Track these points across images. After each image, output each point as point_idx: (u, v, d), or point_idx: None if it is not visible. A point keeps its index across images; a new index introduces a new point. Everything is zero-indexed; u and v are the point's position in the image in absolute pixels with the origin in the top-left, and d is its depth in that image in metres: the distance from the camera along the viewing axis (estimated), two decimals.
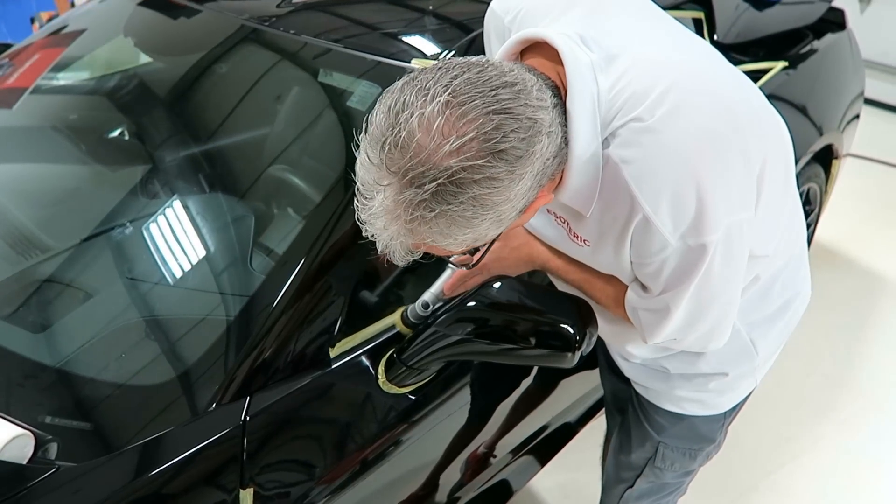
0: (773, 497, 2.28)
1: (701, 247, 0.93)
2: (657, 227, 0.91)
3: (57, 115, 1.89)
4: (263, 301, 1.23)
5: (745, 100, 0.99)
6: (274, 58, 1.63)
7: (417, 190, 0.78)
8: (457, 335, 1.15)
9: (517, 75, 0.83)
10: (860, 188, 3.73)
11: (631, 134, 0.90)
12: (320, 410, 1.24)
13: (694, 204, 0.89)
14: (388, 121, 0.79)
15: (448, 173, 0.77)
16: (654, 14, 1.05)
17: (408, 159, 0.77)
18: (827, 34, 2.59)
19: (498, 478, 1.72)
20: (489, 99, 0.78)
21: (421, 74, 0.82)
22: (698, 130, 0.90)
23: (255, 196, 1.52)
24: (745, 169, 0.94)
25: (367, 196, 0.82)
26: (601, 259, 1.09)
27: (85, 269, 1.39)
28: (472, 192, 0.79)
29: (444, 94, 0.78)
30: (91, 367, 1.22)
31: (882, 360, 2.79)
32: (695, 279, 0.98)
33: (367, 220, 0.84)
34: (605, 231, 1.00)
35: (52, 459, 1.08)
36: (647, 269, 1.01)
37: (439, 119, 0.77)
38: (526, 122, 0.80)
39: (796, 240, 1.27)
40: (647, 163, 0.89)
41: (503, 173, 0.79)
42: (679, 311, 1.05)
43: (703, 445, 1.44)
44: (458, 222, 0.81)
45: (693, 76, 0.94)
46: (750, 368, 1.33)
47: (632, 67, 0.91)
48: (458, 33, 1.55)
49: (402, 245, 0.85)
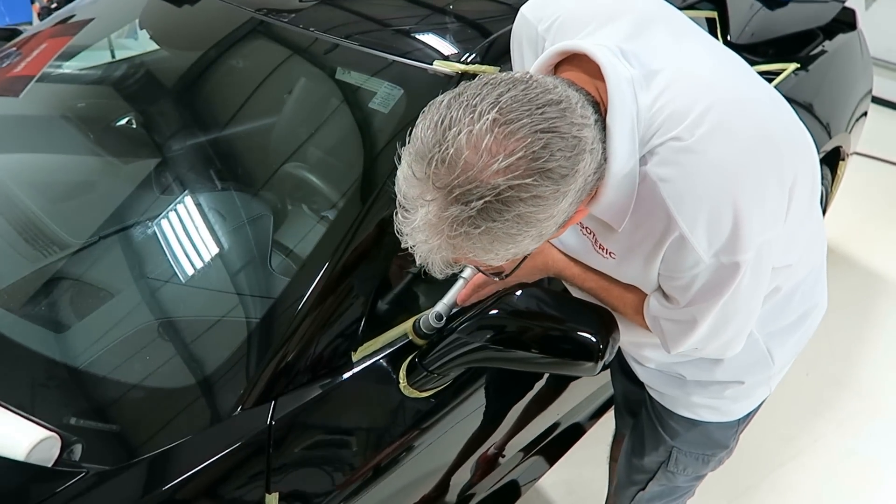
0: (772, 496, 2.31)
1: (734, 265, 0.94)
2: (692, 246, 0.92)
3: (70, 104, 1.87)
4: (288, 303, 1.23)
5: (779, 117, 1.00)
6: (301, 58, 1.62)
7: (463, 207, 0.78)
8: (478, 342, 1.15)
9: (561, 92, 0.83)
10: (861, 186, 3.73)
11: (670, 153, 0.90)
12: (343, 414, 1.24)
13: (730, 224, 0.90)
14: (434, 137, 0.79)
15: (495, 192, 0.77)
16: (694, 31, 1.05)
17: (455, 176, 0.77)
18: (838, 35, 2.59)
19: (507, 479, 1.74)
20: (536, 117, 0.79)
21: (467, 90, 0.82)
22: (737, 152, 0.90)
23: (273, 195, 1.51)
24: (778, 188, 0.95)
25: (410, 209, 0.83)
26: (627, 271, 1.10)
27: (104, 268, 1.39)
28: (518, 210, 0.79)
29: (491, 111, 0.78)
30: (115, 368, 1.22)
31: (882, 361, 2.82)
32: (725, 295, 0.99)
33: (408, 233, 0.84)
34: (636, 245, 1.01)
35: (77, 461, 1.08)
36: (676, 282, 1.02)
37: (487, 137, 0.77)
38: (571, 141, 0.81)
39: (818, 251, 1.28)
40: (686, 183, 0.90)
41: (549, 192, 0.80)
42: (705, 324, 1.06)
43: (717, 451, 1.46)
44: (501, 239, 0.82)
45: (731, 95, 0.94)
46: (766, 377, 1.35)
47: (672, 85, 0.91)
48: (477, 34, 1.54)
49: (443, 259, 0.85)
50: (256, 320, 1.27)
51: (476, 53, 1.44)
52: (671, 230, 0.92)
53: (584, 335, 1.11)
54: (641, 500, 1.60)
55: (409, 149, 0.83)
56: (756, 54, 2.28)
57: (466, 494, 1.61)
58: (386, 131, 1.42)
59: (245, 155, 1.62)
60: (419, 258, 0.87)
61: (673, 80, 0.92)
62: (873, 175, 4.02)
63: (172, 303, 1.34)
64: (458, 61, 1.41)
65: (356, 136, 1.50)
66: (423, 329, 1.27)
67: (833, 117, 2.48)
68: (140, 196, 1.57)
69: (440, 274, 0.88)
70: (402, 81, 1.44)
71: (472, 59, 1.42)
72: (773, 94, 1.03)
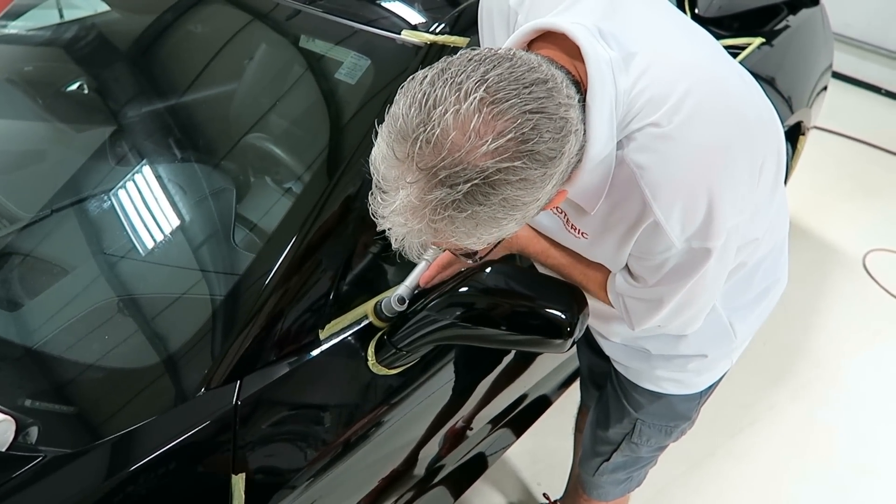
0: (730, 462, 2.38)
1: (705, 250, 0.95)
2: (666, 231, 0.92)
3: (17, 66, 1.78)
4: (253, 280, 1.20)
5: (751, 99, 0.99)
6: (262, 23, 1.56)
7: (449, 189, 0.75)
8: (447, 319, 1.14)
9: (546, 71, 0.81)
10: (817, 160, 3.81)
11: (648, 140, 0.89)
12: (312, 392, 1.23)
13: (704, 211, 0.91)
14: (419, 116, 0.75)
15: (483, 174, 0.75)
16: (665, 6, 1.03)
17: (441, 158, 0.74)
18: (802, 9, 2.61)
19: (475, 451, 1.75)
20: (525, 97, 0.76)
21: (451, 66, 0.78)
22: (714, 140, 0.90)
23: (235, 166, 1.47)
24: (749, 173, 0.95)
25: (388, 191, 0.79)
26: (598, 251, 1.10)
27: (57, 242, 1.33)
28: (505, 194, 0.77)
29: (479, 90, 0.75)
30: (71, 348, 1.18)
31: (837, 330, 2.92)
32: (693, 278, 1.00)
33: (385, 216, 0.81)
34: (609, 228, 1.00)
35: (34, 445, 1.05)
36: (646, 262, 1.02)
37: (476, 117, 0.74)
38: (559, 122, 0.79)
39: (781, 226, 1.30)
40: (663, 171, 0.89)
41: (537, 175, 0.78)
42: (672, 304, 1.07)
43: (679, 423, 1.49)
44: (486, 222, 0.79)
45: (707, 78, 0.93)
46: (728, 350, 1.37)
47: (649, 69, 0.90)
48: (445, 3, 1.50)
49: (421, 242, 0.83)
50: (220, 297, 1.24)
51: (445, 23, 1.41)
52: (646, 216, 0.92)
53: (553, 312, 1.11)
54: (605, 471, 1.63)
55: (387, 127, 0.79)
56: (722, 28, 2.28)
57: (435, 467, 1.61)
58: (353, 103, 1.38)
59: (205, 124, 1.56)
60: (395, 241, 0.84)
61: (650, 64, 0.90)
62: (828, 148, 4.10)
63: (132, 279, 1.30)
64: (427, 31, 1.38)
65: (322, 107, 1.45)
66: (384, 312, 1.24)
67: (795, 92, 2.51)
68: (94, 166, 1.51)
69: (416, 257, 0.86)
70: (370, 51, 1.39)
71: (442, 30, 1.38)
72: (742, 72, 1.02)
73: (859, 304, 3.06)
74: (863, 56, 4.79)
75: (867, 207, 3.68)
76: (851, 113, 4.43)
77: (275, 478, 1.14)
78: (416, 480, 1.54)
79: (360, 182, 1.25)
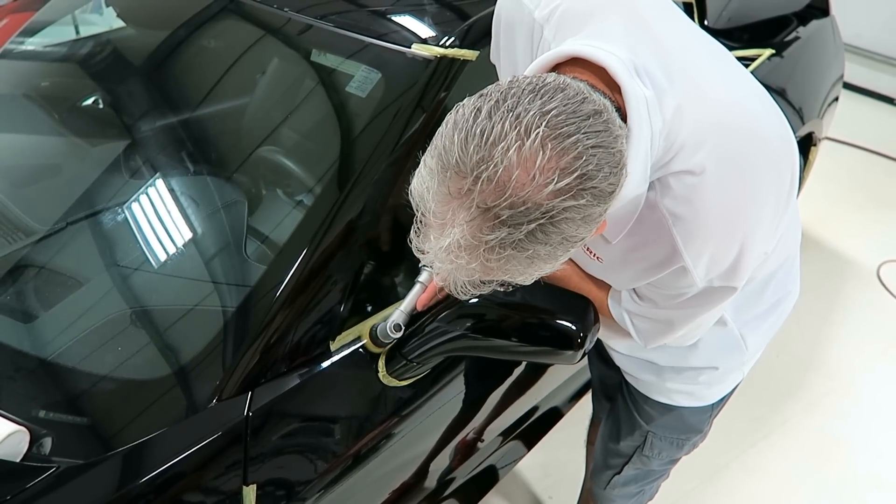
0: (743, 475, 2.36)
1: (729, 289, 0.97)
2: (692, 274, 0.92)
3: (34, 82, 1.81)
4: (264, 292, 1.20)
5: (771, 121, 0.96)
6: (274, 38, 1.58)
7: (510, 229, 0.72)
8: (458, 331, 1.15)
9: (598, 101, 0.78)
10: (830, 171, 3.78)
11: (683, 189, 0.88)
12: (322, 404, 1.23)
13: (734, 258, 0.92)
14: (479, 152, 0.72)
15: (549, 214, 0.72)
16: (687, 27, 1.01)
17: (504, 197, 0.71)
18: (812, 20, 2.61)
19: (486, 463, 1.74)
20: (587, 131, 0.74)
21: (506, 97, 0.75)
22: (748, 189, 0.90)
23: (247, 179, 1.48)
24: (777, 203, 0.94)
25: (438, 227, 0.76)
26: (610, 277, 1.11)
27: (72, 255, 1.35)
28: (567, 232, 0.75)
29: (541, 125, 0.72)
30: (85, 359, 1.19)
31: (850, 342, 2.89)
32: (711, 308, 1.01)
33: (434, 253, 0.77)
34: (629, 263, 1.00)
35: (47, 456, 1.05)
36: (662, 292, 1.02)
37: (539, 155, 0.71)
38: (617, 157, 0.77)
39: (793, 239, 1.29)
40: (698, 223, 0.89)
41: (598, 211, 0.76)
42: (684, 327, 1.08)
43: (691, 435, 1.48)
44: (543, 259, 0.77)
45: (740, 121, 0.91)
46: (739, 362, 1.37)
47: (681, 110, 0.88)
48: (456, 17, 1.51)
49: (472, 281, 0.80)
50: (232, 309, 1.24)
51: (455, 37, 1.42)
52: (674, 262, 0.92)
53: (564, 323, 1.11)
54: (617, 484, 1.62)
55: (439, 161, 0.75)
56: (732, 39, 2.28)
57: (445, 480, 1.61)
58: (364, 116, 1.39)
59: (218, 138, 1.58)
60: (439, 279, 0.81)
61: (682, 103, 0.88)
62: (841, 159, 4.08)
63: (144, 291, 1.31)
64: (437, 45, 1.39)
65: (333, 120, 1.47)
66: (379, 337, 1.23)
67: (806, 103, 2.50)
68: (108, 180, 1.52)
69: (465, 295, 0.83)
70: (380, 65, 1.41)
71: (451, 43, 1.39)
72: (758, 90, 1.00)
73: (873, 315, 3.04)
74: (874, 67, 4.77)
75: (880, 218, 3.65)
76: (863, 124, 4.41)
77: (285, 489, 1.14)
78: (427, 493, 1.54)
79: (373, 191, 1.26)
